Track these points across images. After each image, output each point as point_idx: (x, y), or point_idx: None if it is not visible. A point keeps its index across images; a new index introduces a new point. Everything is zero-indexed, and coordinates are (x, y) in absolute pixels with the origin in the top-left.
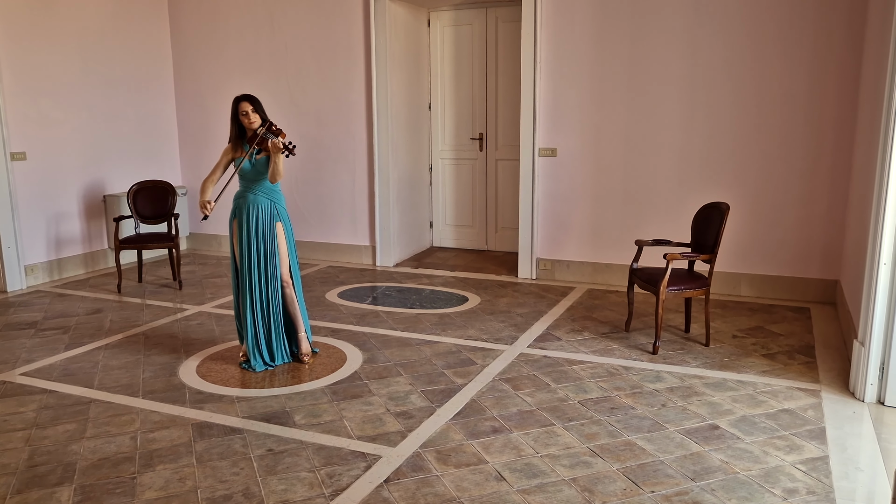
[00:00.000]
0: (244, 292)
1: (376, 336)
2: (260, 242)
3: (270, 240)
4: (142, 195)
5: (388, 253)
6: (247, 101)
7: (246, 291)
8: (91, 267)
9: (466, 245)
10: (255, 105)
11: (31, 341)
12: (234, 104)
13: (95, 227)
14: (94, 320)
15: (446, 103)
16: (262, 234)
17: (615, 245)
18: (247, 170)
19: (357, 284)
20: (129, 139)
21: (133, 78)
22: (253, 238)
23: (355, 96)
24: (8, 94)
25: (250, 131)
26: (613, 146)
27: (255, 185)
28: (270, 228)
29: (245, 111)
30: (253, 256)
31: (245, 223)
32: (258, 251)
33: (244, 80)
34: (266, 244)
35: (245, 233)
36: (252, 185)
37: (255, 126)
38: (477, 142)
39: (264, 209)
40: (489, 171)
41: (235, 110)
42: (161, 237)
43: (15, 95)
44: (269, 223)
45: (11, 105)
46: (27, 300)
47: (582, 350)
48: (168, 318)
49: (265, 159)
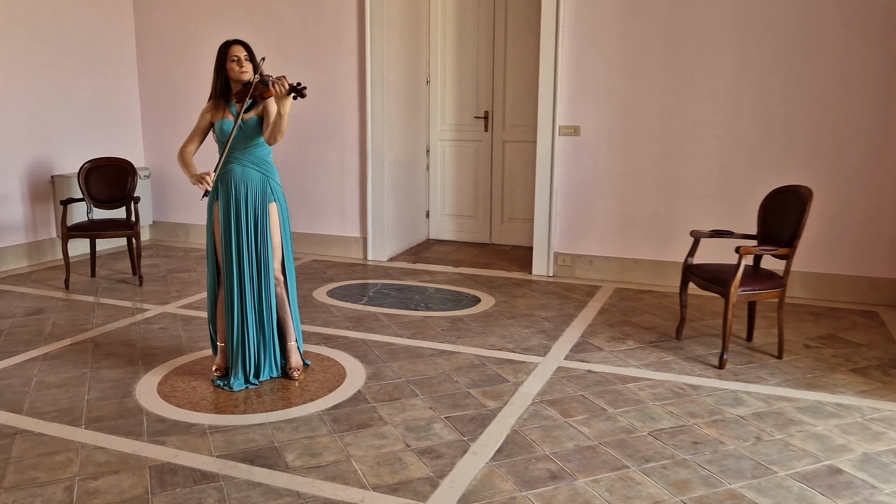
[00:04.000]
0: (229, 292)
1: (379, 344)
2: (249, 228)
3: (262, 225)
4: (95, 175)
5: (382, 246)
6: (240, 45)
7: (232, 291)
8: (36, 259)
9: (468, 238)
10: (249, 51)
11: None
12: (223, 50)
13: (41, 211)
14: (33, 323)
15: (447, 77)
16: (253, 217)
17: (646, 238)
18: (231, 133)
19: (348, 281)
20: (84, 110)
21: (89, 40)
22: (243, 222)
23: (346, 67)
24: None
25: (239, 84)
26: (646, 125)
27: (244, 154)
28: (262, 210)
29: (237, 56)
30: (243, 246)
31: (231, 204)
32: (248, 239)
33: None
34: (258, 230)
35: (231, 216)
36: (239, 154)
37: (245, 76)
38: (481, 121)
39: (255, 185)
40: (495, 155)
41: (223, 57)
42: (118, 224)
43: None
44: (262, 203)
45: None
46: None
47: (631, 363)
48: (124, 321)
49: (257, 120)
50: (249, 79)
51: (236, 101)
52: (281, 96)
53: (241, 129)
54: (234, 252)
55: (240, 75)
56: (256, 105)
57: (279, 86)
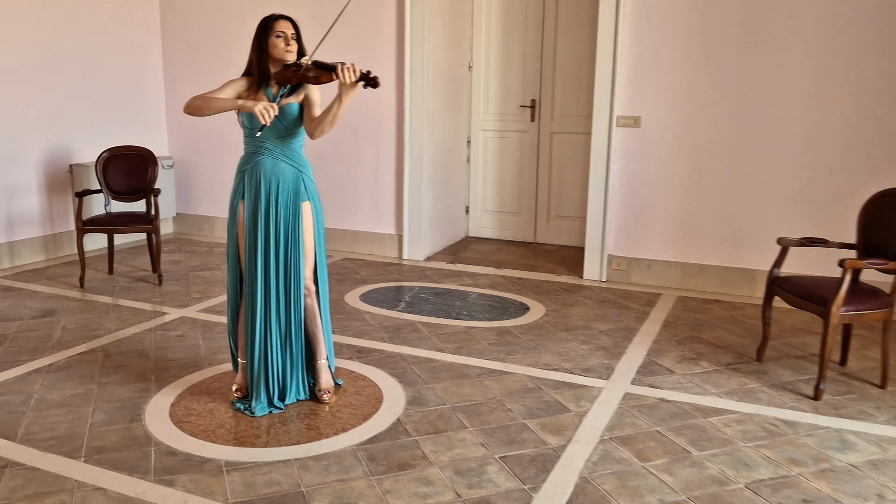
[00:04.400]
0: (253, 303)
1: (419, 360)
2: (279, 231)
3: (294, 227)
4: (114, 165)
5: (419, 244)
6: (288, 21)
7: (255, 302)
8: (53, 253)
9: (509, 236)
10: (297, 28)
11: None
12: (266, 24)
13: (59, 203)
14: (42, 327)
15: (491, 63)
16: (284, 218)
17: (712, 242)
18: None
19: (383, 283)
20: (105, 96)
21: (111, 22)
22: (272, 224)
23: (383, 50)
24: None
25: (278, 64)
26: (717, 116)
27: (276, 145)
28: (295, 210)
29: (283, 33)
30: (271, 251)
31: (259, 202)
32: (276, 243)
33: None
34: (288, 233)
35: (258, 216)
36: (271, 145)
37: (290, 57)
38: (528, 110)
39: (287, 181)
40: (542, 147)
41: (265, 32)
42: (136, 218)
43: None
44: (294, 202)
45: None
46: None
47: (710, 390)
48: (139, 326)
49: (297, 108)
50: (293, 60)
51: (276, 82)
52: (348, 85)
53: (278, 116)
54: (261, 257)
55: (284, 54)
56: (296, 90)
57: (348, 72)
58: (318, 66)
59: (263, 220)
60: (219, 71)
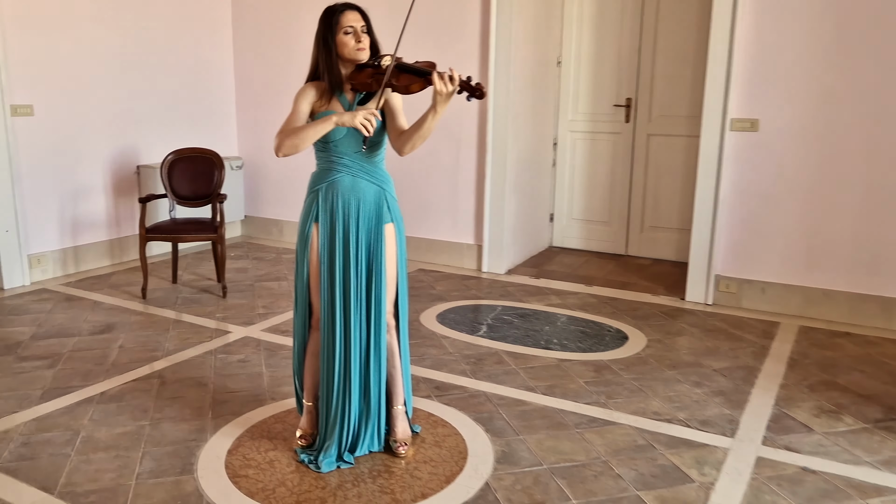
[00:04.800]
0: (329, 342)
1: (507, 402)
2: (360, 258)
3: (376, 253)
4: (179, 168)
5: (500, 255)
6: (356, 11)
7: (333, 340)
8: (119, 257)
9: (598, 247)
10: (367, 20)
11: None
12: (331, 16)
13: (125, 205)
14: (99, 345)
15: (582, 57)
16: (365, 243)
17: (842, 264)
18: (344, 132)
19: (461, 301)
20: (173, 93)
21: (180, 14)
22: (352, 250)
23: (466, 45)
24: (9, 27)
25: (350, 65)
26: (852, 121)
27: (355, 160)
28: (377, 234)
29: (352, 27)
30: (350, 281)
31: (336, 225)
32: (357, 273)
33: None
34: (370, 261)
35: (336, 241)
36: (349, 160)
37: (363, 55)
38: (622, 110)
39: (369, 202)
40: (637, 150)
41: (330, 28)
42: (201, 226)
43: (19, 30)
44: (376, 225)
45: (14, 42)
46: (23, 304)
47: (862, 457)
48: (200, 348)
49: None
50: (366, 59)
51: (353, 89)
52: (445, 94)
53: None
54: (339, 289)
55: (356, 53)
56: (374, 95)
57: (446, 79)
58: (406, 70)
59: (342, 246)
60: (290, 67)
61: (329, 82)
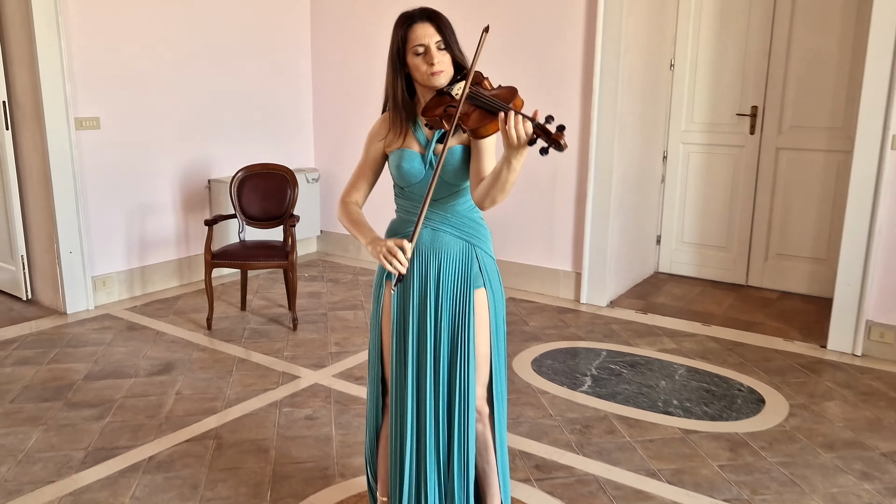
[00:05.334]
0: (401, 430)
1: (624, 493)
2: (441, 331)
3: (463, 326)
4: (249, 186)
5: (601, 285)
6: (429, 21)
7: (404, 426)
8: (188, 277)
9: (712, 275)
10: (444, 32)
11: (41, 433)
12: (399, 33)
13: (195, 222)
14: (155, 390)
15: (700, 60)
16: (447, 313)
17: None
18: (422, 175)
19: (559, 342)
20: (247, 103)
21: (255, 19)
22: (429, 322)
23: (567, 50)
24: (75, 33)
25: (430, 92)
26: None
27: (436, 207)
28: (465, 302)
29: (423, 46)
30: (427, 358)
31: (412, 289)
32: (436, 349)
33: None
34: (455, 335)
35: (410, 310)
36: (428, 208)
37: (441, 80)
38: (746, 119)
39: (454, 261)
40: (763, 166)
41: (402, 45)
42: (270, 251)
43: (85, 37)
44: (464, 291)
45: (79, 50)
46: (83, 334)
47: None
48: (264, 398)
49: (461, 153)
50: (449, 85)
51: (427, 123)
52: (517, 145)
53: (437, 166)
54: (413, 367)
55: (429, 79)
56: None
57: (512, 123)
58: (481, 104)
59: (416, 316)
60: (370, 73)
61: (394, 114)
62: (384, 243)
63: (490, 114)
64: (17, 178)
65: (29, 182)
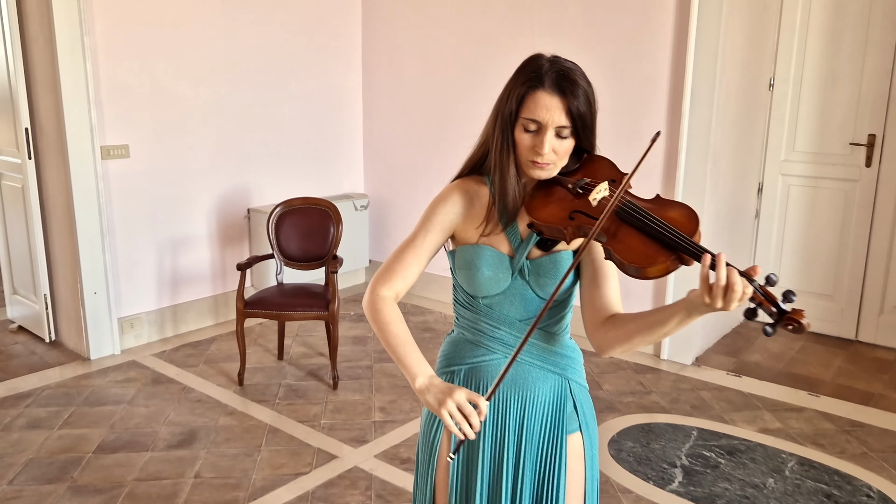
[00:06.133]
0: None
1: None
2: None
3: (551, 480)
4: (288, 223)
5: (686, 339)
6: (560, 95)
7: None
8: (225, 315)
9: (816, 327)
10: (574, 117)
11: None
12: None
13: (232, 255)
14: (172, 471)
15: (805, 79)
16: (531, 467)
17: None
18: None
19: (639, 415)
20: (291, 123)
21: (301, 33)
22: (507, 476)
23: (651, 68)
24: (102, 53)
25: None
26: None
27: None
28: (555, 452)
29: (538, 122)
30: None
31: (484, 439)
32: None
33: (458, 43)
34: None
35: (482, 461)
36: (510, 332)
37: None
38: (861, 150)
39: (543, 399)
40: (881, 204)
41: (516, 108)
42: (311, 299)
43: (113, 58)
44: (553, 437)
45: (107, 72)
46: (104, 387)
47: None
48: (292, 487)
49: (565, 263)
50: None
51: (530, 226)
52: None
53: (528, 276)
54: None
55: (528, 166)
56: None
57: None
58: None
59: (489, 469)
60: (425, 96)
61: (499, 203)
62: (450, 394)
63: (654, 241)
64: (41, 209)
65: (53, 215)
